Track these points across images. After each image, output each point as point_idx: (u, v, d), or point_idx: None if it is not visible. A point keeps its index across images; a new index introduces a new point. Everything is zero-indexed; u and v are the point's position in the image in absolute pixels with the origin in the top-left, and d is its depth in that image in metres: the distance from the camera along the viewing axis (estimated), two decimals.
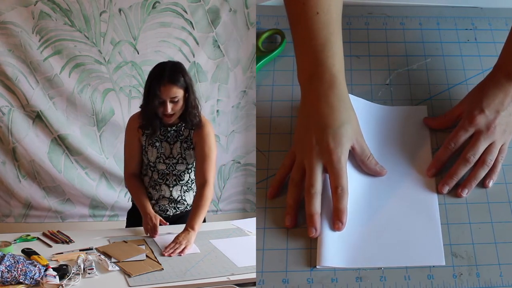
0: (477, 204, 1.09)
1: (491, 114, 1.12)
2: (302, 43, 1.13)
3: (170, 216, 1.96)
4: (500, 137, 1.12)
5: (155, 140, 1.88)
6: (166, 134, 1.89)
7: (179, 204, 1.96)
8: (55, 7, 2.75)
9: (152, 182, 1.93)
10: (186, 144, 1.90)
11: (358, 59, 1.30)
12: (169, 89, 1.77)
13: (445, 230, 1.06)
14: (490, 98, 1.12)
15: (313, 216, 1.05)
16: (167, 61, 1.90)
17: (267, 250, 1.04)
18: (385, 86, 1.26)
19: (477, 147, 1.11)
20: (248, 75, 3.13)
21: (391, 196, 1.10)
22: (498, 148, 1.13)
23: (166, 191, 1.93)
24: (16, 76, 2.76)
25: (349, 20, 1.36)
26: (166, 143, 1.89)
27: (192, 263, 1.59)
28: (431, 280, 1.00)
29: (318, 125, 1.08)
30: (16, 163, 2.89)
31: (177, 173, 1.92)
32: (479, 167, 1.11)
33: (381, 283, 1.00)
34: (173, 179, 1.92)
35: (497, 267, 1.01)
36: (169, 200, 1.94)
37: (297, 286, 1.00)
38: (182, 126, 1.89)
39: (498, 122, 1.11)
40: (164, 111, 1.80)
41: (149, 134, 1.88)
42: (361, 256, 1.02)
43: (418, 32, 1.35)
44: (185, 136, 1.89)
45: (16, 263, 1.41)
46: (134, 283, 1.45)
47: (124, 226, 2.05)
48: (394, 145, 1.17)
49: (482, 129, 1.12)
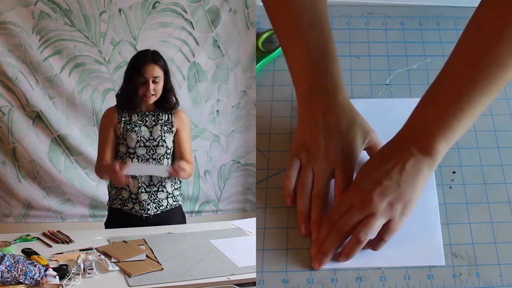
0: (477, 204, 1.09)
1: (368, 185, 0.99)
2: (300, 55, 1.09)
3: (151, 215, 1.95)
4: (384, 211, 0.97)
5: (134, 125, 1.94)
6: (144, 118, 1.96)
7: (159, 194, 1.95)
8: (55, 7, 2.75)
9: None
10: (167, 127, 1.97)
11: (358, 59, 1.30)
12: (152, 68, 1.89)
13: (445, 230, 1.06)
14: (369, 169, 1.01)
15: (318, 223, 1.04)
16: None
17: (267, 250, 1.04)
18: (385, 86, 1.26)
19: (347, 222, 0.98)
20: (248, 75, 3.13)
21: None
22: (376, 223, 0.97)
23: (146, 177, 1.94)
24: (16, 76, 2.76)
25: (349, 20, 1.36)
26: (145, 127, 1.95)
27: (192, 263, 1.59)
28: (431, 280, 1.00)
29: (326, 132, 1.06)
30: (16, 163, 2.89)
31: (157, 157, 1.94)
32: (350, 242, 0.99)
33: (381, 283, 1.00)
34: (153, 164, 1.94)
35: (497, 267, 1.01)
36: (149, 186, 1.94)
37: (297, 286, 1.00)
38: (160, 111, 1.97)
39: (377, 193, 0.97)
40: (146, 90, 1.89)
41: (128, 119, 1.94)
42: (361, 256, 1.02)
43: (418, 32, 1.35)
44: (165, 120, 1.97)
45: (16, 263, 1.41)
46: (134, 283, 1.45)
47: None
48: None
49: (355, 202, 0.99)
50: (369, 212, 0.97)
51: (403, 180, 0.98)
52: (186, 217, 2.11)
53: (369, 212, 0.97)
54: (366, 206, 0.98)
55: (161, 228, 1.92)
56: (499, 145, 1.17)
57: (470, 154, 1.15)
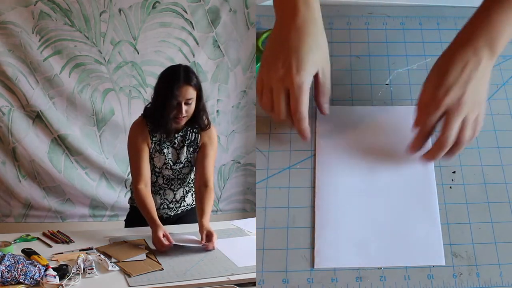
0: (477, 204, 1.09)
1: (459, 90, 1.04)
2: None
3: (171, 216, 1.97)
4: (472, 110, 1.05)
5: (163, 147, 1.86)
6: (172, 140, 1.87)
7: (180, 205, 1.97)
8: (55, 7, 2.75)
9: (156, 187, 1.92)
10: (192, 148, 1.89)
11: (358, 59, 1.30)
12: (185, 90, 1.76)
13: (445, 230, 1.06)
14: (452, 74, 1.05)
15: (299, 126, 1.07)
16: (178, 64, 1.88)
17: (267, 250, 1.04)
18: (385, 86, 1.26)
19: (452, 127, 1.04)
20: (248, 75, 3.13)
21: (390, 195, 1.10)
22: (471, 122, 1.05)
23: (170, 194, 1.93)
24: (16, 76, 2.76)
25: (349, 20, 1.36)
26: (173, 149, 1.88)
27: (192, 263, 1.59)
28: (431, 280, 1.00)
29: (286, 49, 1.07)
30: (16, 163, 2.89)
31: (182, 177, 1.92)
32: (455, 147, 1.06)
33: (381, 283, 1.00)
34: (178, 182, 1.92)
35: (497, 267, 1.01)
36: (172, 202, 1.94)
37: (297, 286, 1.00)
38: (188, 131, 1.87)
39: (467, 96, 1.04)
40: (178, 113, 1.77)
41: (158, 139, 1.85)
42: (362, 256, 1.02)
43: (418, 32, 1.35)
44: (191, 140, 1.88)
45: (16, 263, 1.41)
46: (134, 283, 1.45)
47: (124, 226, 2.05)
48: (394, 145, 1.17)
49: (452, 107, 1.04)
50: (465, 114, 1.04)
51: (480, 81, 1.06)
52: None
53: (465, 114, 1.04)
54: (462, 109, 1.03)
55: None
56: (499, 145, 1.17)
57: (470, 154, 1.15)
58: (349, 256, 1.03)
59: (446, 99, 1.04)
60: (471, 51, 1.05)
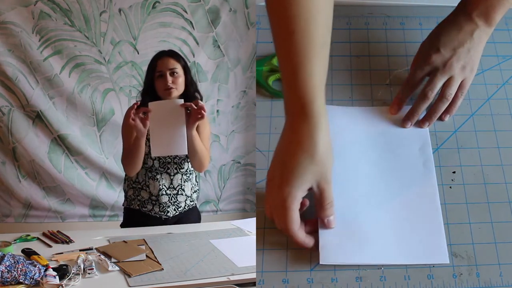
0: (477, 204, 1.09)
1: (447, 52, 1.15)
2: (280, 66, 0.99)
3: (170, 217, 1.97)
4: (459, 73, 1.15)
5: None
6: None
7: (179, 197, 1.96)
8: (55, 7, 2.75)
9: (152, 172, 1.93)
10: None
11: (358, 59, 1.30)
12: (167, 61, 1.89)
13: (445, 230, 1.06)
14: (446, 37, 1.16)
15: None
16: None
17: (267, 250, 1.04)
18: (385, 86, 1.26)
19: (434, 83, 1.15)
20: (248, 75, 3.13)
21: (393, 194, 1.10)
22: (457, 83, 1.16)
23: (167, 179, 1.93)
24: (16, 76, 2.76)
25: (349, 20, 1.36)
26: None
27: (192, 263, 1.59)
28: (431, 280, 1.00)
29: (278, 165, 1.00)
30: (16, 163, 2.89)
31: (178, 161, 1.93)
32: (438, 101, 1.16)
33: (381, 283, 1.00)
34: (174, 167, 1.94)
35: (497, 267, 1.01)
36: (169, 188, 1.94)
37: (297, 286, 1.00)
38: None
39: (455, 59, 1.14)
40: (165, 83, 1.86)
41: None
42: (366, 253, 1.02)
43: (418, 32, 1.35)
44: None
45: (16, 263, 1.41)
46: (134, 283, 1.45)
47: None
48: (395, 144, 1.17)
49: (438, 66, 1.15)
50: (450, 75, 1.15)
51: (472, 47, 1.16)
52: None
53: (450, 75, 1.15)
54: (448, 70, 1.15)
55: (161, 228, 1.92)
56: (499, 145, 1.17)
57: (470, 154, 1.15)
58: (354, 253, 1.03)
59: (434, 57, 1.15)
60: (467, 18, 1.16)
